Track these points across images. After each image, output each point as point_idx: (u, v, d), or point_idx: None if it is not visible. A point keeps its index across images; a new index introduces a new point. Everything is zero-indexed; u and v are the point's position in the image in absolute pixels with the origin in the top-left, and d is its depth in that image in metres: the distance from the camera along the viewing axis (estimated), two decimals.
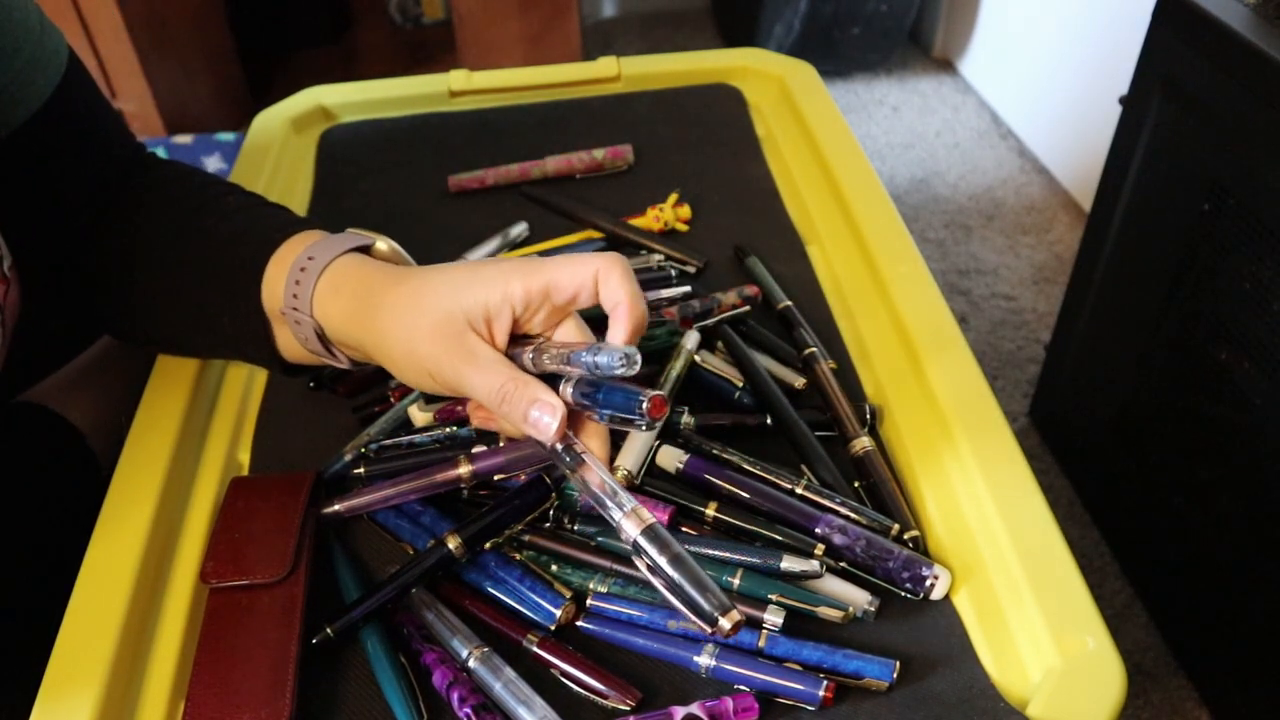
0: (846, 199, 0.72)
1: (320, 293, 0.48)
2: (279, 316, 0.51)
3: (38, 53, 0.53)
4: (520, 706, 0.44)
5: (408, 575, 0.48)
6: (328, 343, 0.50)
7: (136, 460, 0.55)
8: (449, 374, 0.45)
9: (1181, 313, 0.99)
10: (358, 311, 0.47)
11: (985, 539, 0.50)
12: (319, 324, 0.49)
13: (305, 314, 0.49)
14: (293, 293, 0.49)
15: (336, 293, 0.48)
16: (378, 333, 0.46)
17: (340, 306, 0.48)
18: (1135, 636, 1.14)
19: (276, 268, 0.50)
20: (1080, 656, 0.45)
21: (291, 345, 0.53)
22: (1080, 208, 1.75)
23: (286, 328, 0.52)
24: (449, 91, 0.86)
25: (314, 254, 0.49)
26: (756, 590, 0.47)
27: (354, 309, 0.47)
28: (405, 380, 0.48)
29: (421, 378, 0.46)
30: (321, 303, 0.48)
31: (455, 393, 0.46)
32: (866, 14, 1.97)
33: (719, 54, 0.91)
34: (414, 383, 0.47)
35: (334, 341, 0.50)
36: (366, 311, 0.47)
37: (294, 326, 0.50)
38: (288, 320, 0.50)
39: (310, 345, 0.50)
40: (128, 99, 1.59)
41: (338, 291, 0.48)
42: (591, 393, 0.44)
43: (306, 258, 0.49)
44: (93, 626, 0.47)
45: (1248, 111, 0.84)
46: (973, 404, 0.56)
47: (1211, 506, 0.98)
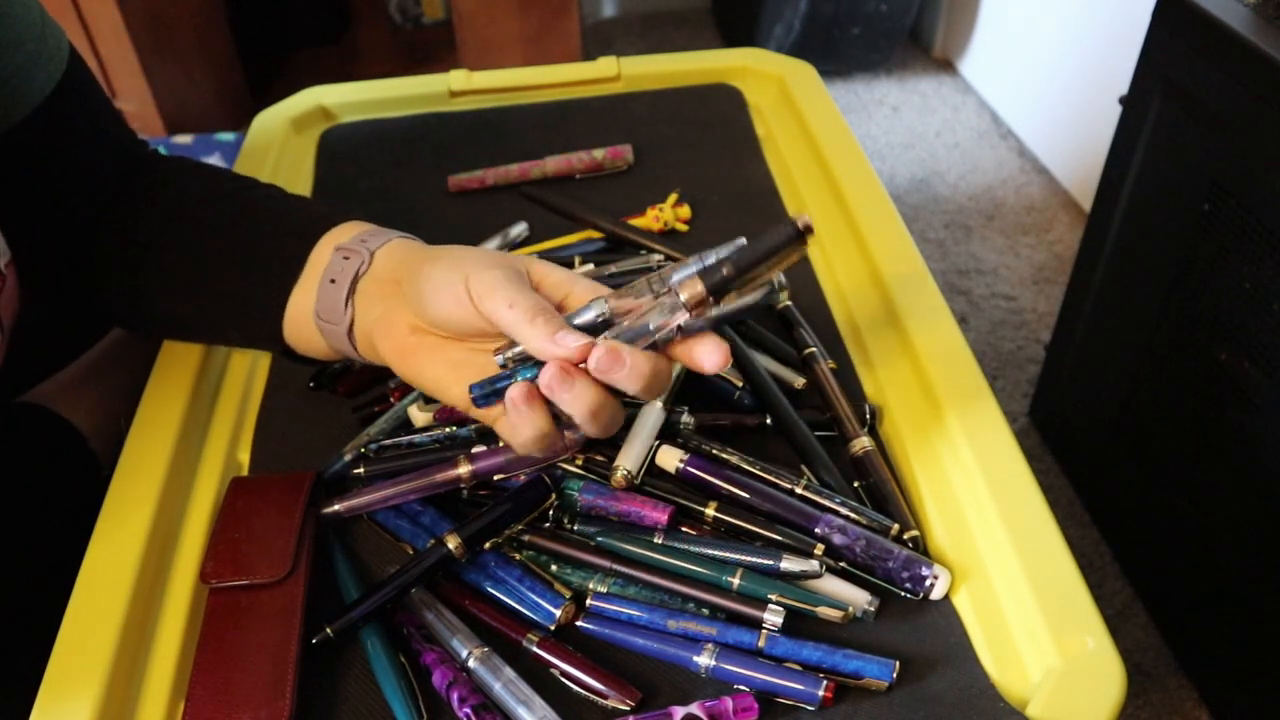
0: (846, 199, 0.72)
1: (387, 246, 0.52)
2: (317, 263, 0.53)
3: (39, 49, 0.53)
4: (520, 706, 0.44)
5: (407, 575, 0.48)
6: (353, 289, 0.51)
7: (136, 460, 0.55)
8: (487, 279, 0.44)
9: (1181, 313, 0.99)
10: (416, 246, 0.52)
11: (985, 539, 0.50)
12: (371, 259, 0.51)
13: (365, 250, 0.51)
14: (361, 238, 0.52)
15: (399, 246, 0.52)
16: (431, 251, 0.49)
17: (400, 248, 0.52)
18: (1135, 636, 1.14)
19: (346, 228, 0.54)
20: (1080, 656, 0.45)
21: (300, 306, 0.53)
22: (1080, 208, 1.75)
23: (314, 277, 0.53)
24: (449, 91, 0.86)
25: (380, 230, 0.53)
26: (756, 590, 0.47)
27: (413, 246, 0.52)
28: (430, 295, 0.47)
29: (454, 285, 0.46)
30: (385, 249, 0.52)
31: (481, 307, 0.45)
32: (866, 14, 1.97)
33: (719, 54, 0.91)
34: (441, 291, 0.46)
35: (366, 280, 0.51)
36: (425, 247, 0.51)
37: (337, 262, 0.51)
38: (335, 257, 0.52)
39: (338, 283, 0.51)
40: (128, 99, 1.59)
41: (401, 245, 0.52)
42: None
43: (372, 232, 0.53)
44: (93, 626, 0.47)
45: (1248, 111, 0.84)
46: (973, 404, 0.56)
47: (1211, 506, 0.98)
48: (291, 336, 0.55)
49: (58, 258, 0.58)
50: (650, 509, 0.50)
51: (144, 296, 0.57)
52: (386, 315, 0.49)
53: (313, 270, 0.53)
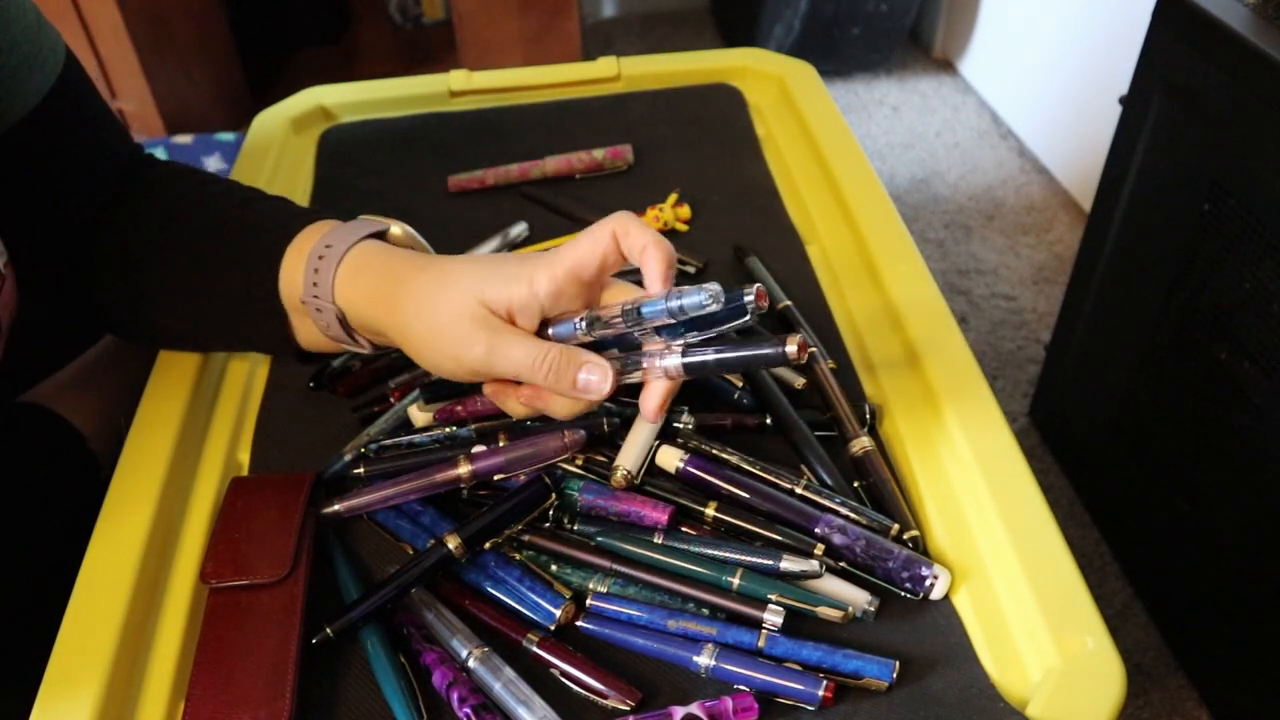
0: (846, 199, 0.72)
1: (341, 279, 0.49)
2: (297, 306, 0.52)
3: (34, 50, 0.53)
4: (520, 706, 0.44)
5: (407, 575, 0.48)
6: (350, 329, 0.51)
7: (136, 460, 0.55)
8: (480, 354, 0.45)
9: (1181, 313, 0.99)
10: (380, 296, 0.48)
11: (985, 539, 0.50)
12: (340, 310, 0.50)
13: (326, 300, 0.50)
14: (312, 280, 0.50)
15: (357, 278, 0.49)
16: (401, 315, 0.47)
17: (361, 291, 0.49)
18: (1135, 636, 1.14)
19: (294, 257, 0.51)
20: (1080, 656, 0.45)
21: (311, 334, 0.54)
22: (1080, 208, 1.75)
23: (305, 317, 0.53)
24: (449, 91, 0.86)
25: (331, 241, 0.50)
26: (756, 590, 0.47)
27: (376, 293, 0.48)
28: (428, 365, 0.48)
29: (444, 361, 0.47)
30: (343, 288, 0.49)
31: (484, 375, 0.46)
32: (866, 14, 1.97)
33: (719, 54, 0.91)
34: (436, 366, 0.48)
35: (356, 326, 0.51)
36: (389, 296, 0.48)
37: (315, 315, 0.51)
38: (308, 309, 0.51)
39: (332, 332, 0.51)
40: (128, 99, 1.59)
41: (358, 276, 0.49)
42: (678, 329, 0.47)
43: (325, 245, 0.50)
44: (93, 626, 0.47)
45: (1248, 111, 0.84)
46: (973, 404, 0.56)
47: (1212, 507, 0.98)
48: (316, 348, 0.56)
49: (55, 259, 0.58)
50: (650, 509, 0.50)
51: (144, 308, 0.58)
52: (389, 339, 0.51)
53: (298, 315, 0.53)
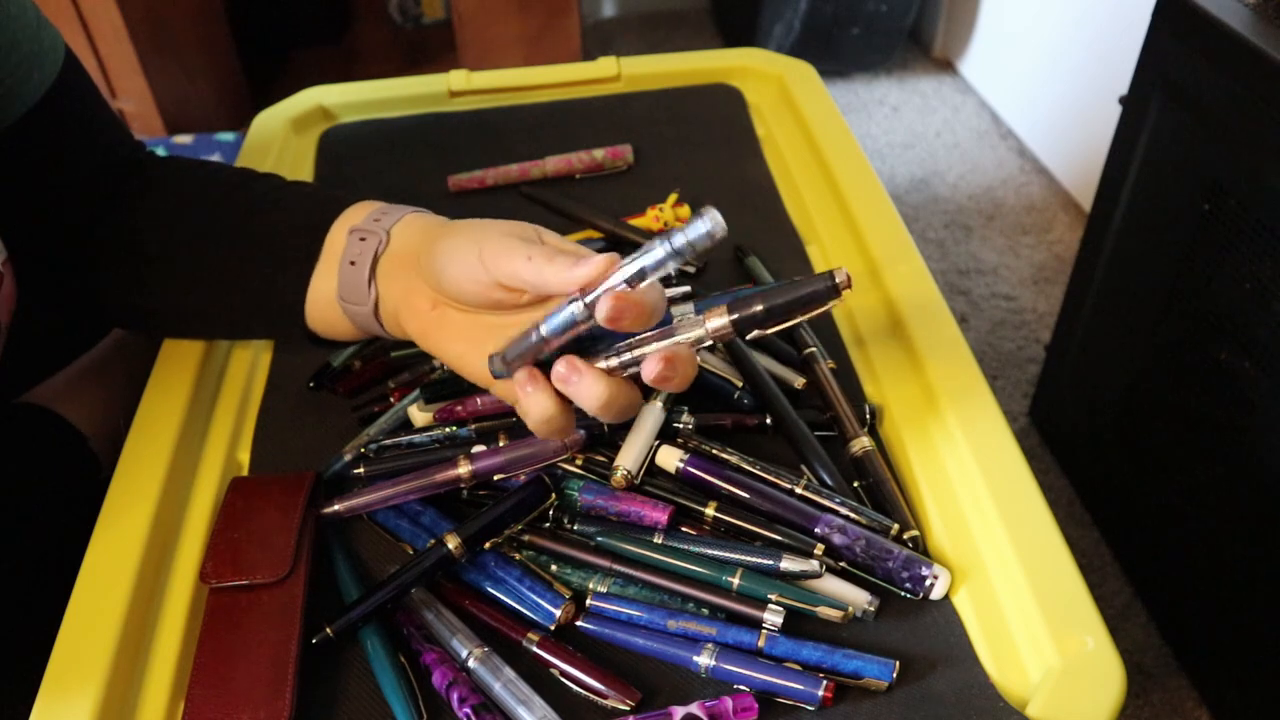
0: (846, 199, 0.72)
1: (401, 222, 0.53)
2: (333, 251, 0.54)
3: (34, 48, 0.53)
4: (520, 706, 0.44)
5: (407, 575, 0.48)
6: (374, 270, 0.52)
7: (136, 460, 0.55)
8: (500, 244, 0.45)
9: (1181, 313, 0.99)
10: (434, 222, 0.52)
11: (985, 539, 0.50)
12: (388, 238, 0.52)
13: (382, 229, 0.52)
14: (375, 217, 0.53)
15: (413, 221, 0.53)
16: (447, 226, 0.50)
17: (415, 224, 0.52)
18: (1135, 636, 1.14)
19: (358, 209, 0.54)
20: (1080, 656, 0.45)
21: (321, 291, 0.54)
22: (1080, 208, 1.75)
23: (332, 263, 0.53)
24: (449, 91, 0.86)
25: (392, 208, 0.54)
26: (756, 590, 0.47)
27: (430, 222, 0.52)
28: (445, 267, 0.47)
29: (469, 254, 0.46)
30: (400, 226, 0.52)
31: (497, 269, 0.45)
32: (866, 14, 1.97)
33: (719, 54, 0.91)
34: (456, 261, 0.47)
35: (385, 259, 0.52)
36: (442, 223, 0.51)
37: (354, 244, 0.52)
38: (351, 240, 0.52)
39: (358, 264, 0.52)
40: (128, 99, 1.59)
41: (414, 220, 0.53)
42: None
43: (384, 210, 0.54)
44: (93, 626, 0.47)
45: (1248, 111, 0.84)
46: (973, 404, 0.56)
47: (1211, 506, 0.98)
48: (315, 322, 0.56)
49: (55, 257, 0.58)
50: (650, 509, 0.50)
51: (153, 298, 0.58)
52: (408, 293, 0.51)
53: (330, 254, 0.54)
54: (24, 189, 0.55)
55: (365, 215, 0.53)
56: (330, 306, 0.54)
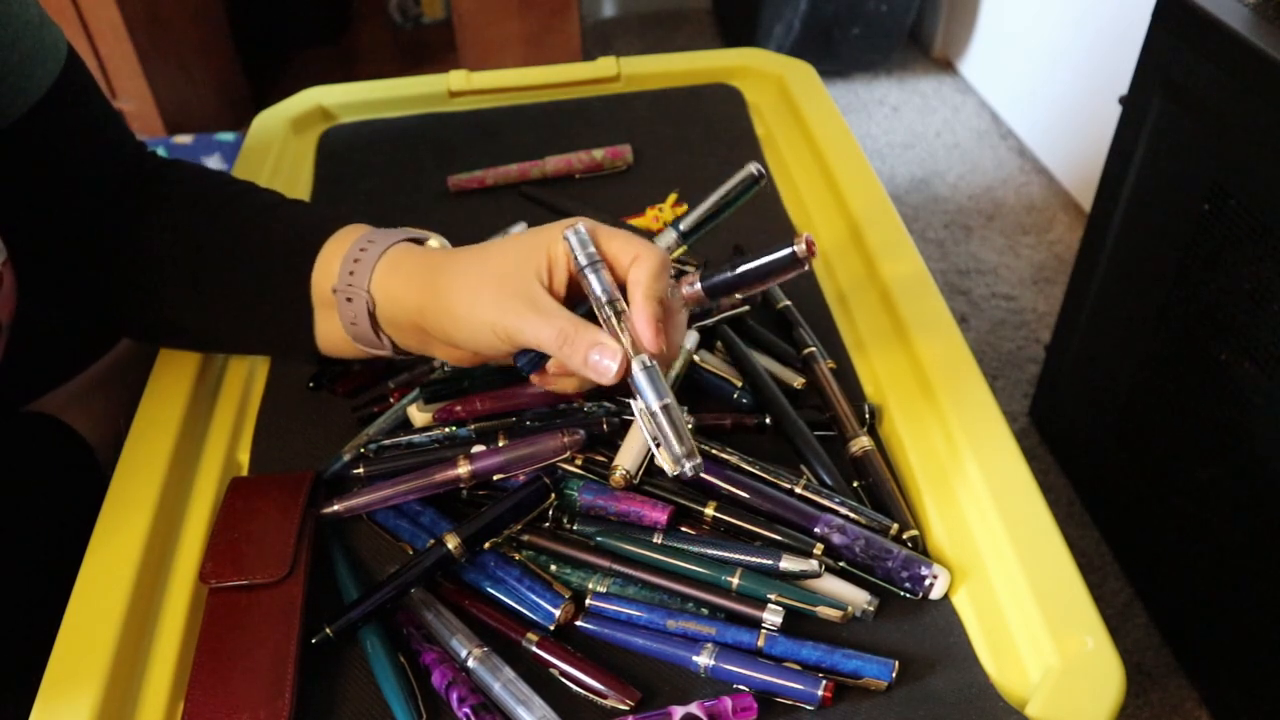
0: (846, 199, 0.72)
1: (379, 271, 0.51)
2: (326, 299, 0.53)
3: (36, 46, 0.53)
4: (519, 706, 0.44)
5: (407, 575, 0.48)
6: (376, 324, 0.52)
7: (136, 460, 0.55)
8: (512, 321, 0.46)
9: (1181, 313, 0.99)
10: (419, 280, 0.50)
11: (985, 539, 0.50)
12: (373, 299, 0.51)
13: (361, 289, 0.51)
14: (349, 270, 0.51)
15: (394, 271, 0.51)
16: (442, 294, 0.48)
17: (400, 280, 0.50)
18: (1135, 636, 1.14)
19: (332, 250, 0.53)
20: (1079, 656, 0.45)
21: (333, 333, 0.54)
22: (1080, 208, 1.75)
23: (331, 311, 0.53)
24: (449, 92, 0.86)
25: (373, 239, 0.52)
26: (755, 590, 0.47)
27: (414, 279, 0.50)
28: (466, 345, 0.49)
29: (481, 332, 0.47)
30: (379, 280, 0.51)
31: (514, 343, 0.47)
32: (866, 14, 1.97)
33: (719, 54, 0.91)
34: (471, 339, 0.48)
35: (384, 320, 0.52)
36: (429, 277, 0.49)
37: (344, 306, 0.52)
38: (338, 299, 0.52)
39: (359, 325, 0.52)
40: (128, 99, 1.58)
41: (396, 269, 0.51)
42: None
43: (367, 241, 0.52)
44: (93, 626, 0.47)
45: (1248, 111, 0.84)
46: (973, 404, 0.56)
47: (1211, 506, 0.98)
48: (334, 353, 0.56)
49: (57, 258, 0.58)
50: (650, 509, 0.50)
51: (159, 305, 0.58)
52: (428, 345, 0.52)
53: (324, 310, 0.54)
54: (25, 188, 0.55)
55: (340, 263, 0.52)
56: (349, 347, 0.55)
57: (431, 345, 0.52)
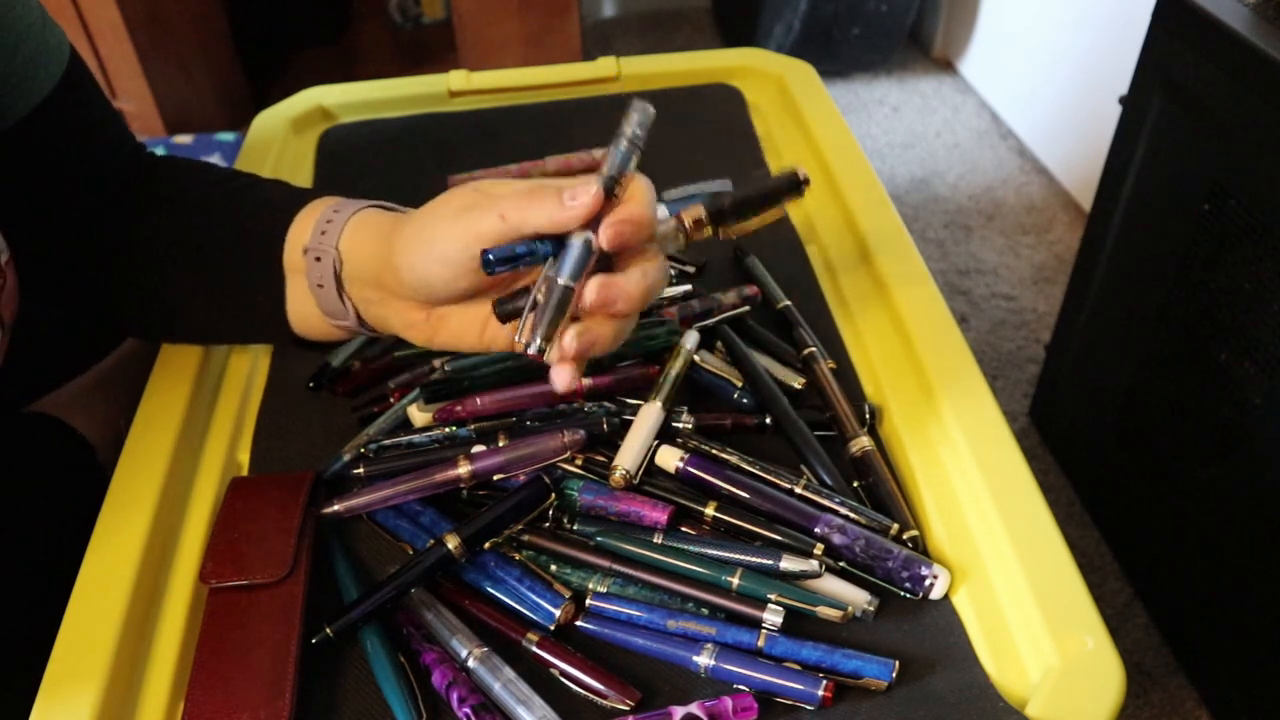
0: (846, 199, 0.72)
1: (348, 229, 0.52)
2: (296, 266, 0.54)
3: (39, 48, 0.53)
4: (519, 706, 0.44)
5: (407, 575, 0.48)
6: (341, 285, 0.52)
7: (136, 460, 0.55)
8: (471, 216, 0.45)
9: (1181, 313, 0.99)
10: (382, 234, 0.50)
11: (985, 539, 0.50)
12: (340, 256, 0.51)
13: (330, 246, 0.51)
14: (321, 230, 0.52)
15: (361, 228, 0.52)
16: (397, 238, 0.48)
17: (365, 235, 0.51)
18: (1135, 636, 1.14)
19: (306, 215, 0.54)
20: (1079, 656, 0.45)
21: (301, 304, 0.54)
22: (1080, 208, 1.75)
23: (300, 278, 0.53)
24: (449, 92, 0.86)
25: (341, 207, 0.53)
26: (756, 590, 0.47)
27: (379, 235, 0.50)
28: (420, 273, 0.47)
29: (434, 269, 0.46)
30: (347, 237, 0.51)
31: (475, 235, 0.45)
32: (866, 14, 1.97)
33: (719, 54, 0.91)
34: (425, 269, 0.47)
35: (349, 279, 0.52)
36: (389, 230, 0.50)
37: (312, 266, 0.52)
38: (308, 260, 0.52)
39: (325, 286, 0.52)
40: (128, 99, 1.58)
41: (362, 228, 0.52)
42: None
43: (340, 204, 0.53)
44: (93, 626, 0.47)
45: (1248, 111, 0.84)
46: (972, 404, 0.56)
47: (1211, 506, 0.98)
48: (307, 332, 0.56)
49: (59, 258, 0.58)
50: (650, 509, 0.50)
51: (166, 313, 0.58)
52: (395, 311, 0.51)
53: (294, 272, 0.54)
54: (27, 188, 0.55)
55: (313, 226, 0.53)
56: (318, 320, 0.55)
57: (389, 304, 0.51)
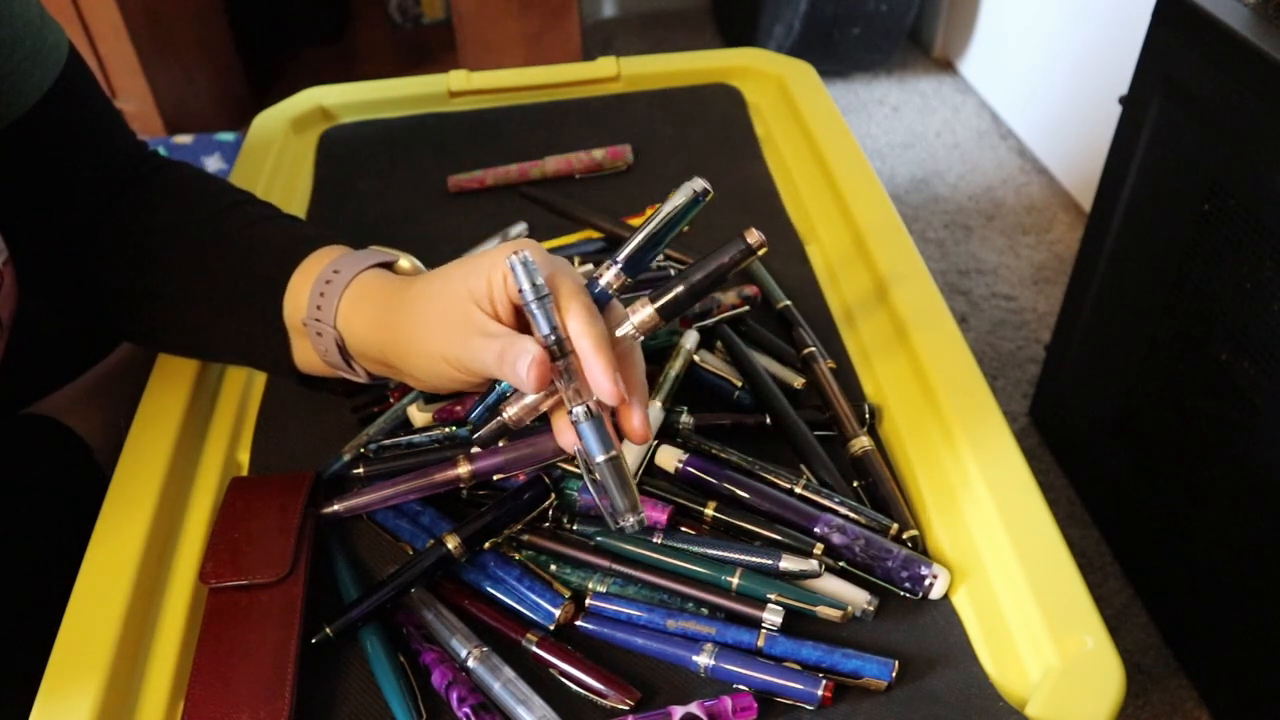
0: (846, 199, 0.72)
1: (344, 305, 0.50)
2: (299, 329, 0.53)
3: (38, 45, 0.53)
4: (519, 706, 0.44)
5: (407, 575, 0.48)
6: (347, 355, 0.51)
7: (136, 461, 0.55)
8: (462, 352, 0.45)
9: (1181, 313, 0.99)
10: (379, 319, 0.49)
11: (985, 539, 0.50)
12: (340, 335, 0.50)
13: (328, 325, 0.50)
14: (316, 304, 0.50)
15: (359, 304, 0.50)
16: (397, 331, 0.47)
17: (363, 318, 0.49)
18: (1135, 636, 1.14)
19: (301, 280, 0.52)
20: (1079, 656, 0.45)
21: (309, 357, 0.54)
22: (1080, 208, 1.75)
23: (305, 340, 0.53)
24: (448, 92, 0.86)
25: (339, 268, 0.51)
26: (755, 590, 0.47)
27: (376, 318, 0.49)
28: (427, 380, 0.48)
29: (440, 368, 0.46)
30: (345, 315, 0.50)
31: (472, 373, 0.46)
32: (866, 14, 1.97)
33: (719, 54, 0.91)
34: (434, 377, 0.47)
35: (354, 353, 0.51)
36: (387, 317, 0.48)
37: (315, 339, 0.51)
38: (309, 332, 0.51)
39: (330, 358, 0.52)
40: (128, 99, 1.58)
41: (360, 303, 0.50)
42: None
43: (332, 271, 0.51)
44: (93, 626, 0.47)
45: (1248, 111, 0.84)
46: (972, 404, 0.56)
47: (1211, 506, 0.98)
48: (311, 372, 0.56)
49: (59, 259, 0.58)
50: (650, 509, 0.50)
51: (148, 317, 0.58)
52: (401, 375, 0.51)
53: (298, 337, 0.53)
54: (26, 187, 0.55)
55: (310, 292, 0.51)
56: (323, 367, 0.54)
57: (404, 376, 0.51)
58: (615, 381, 0.42)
